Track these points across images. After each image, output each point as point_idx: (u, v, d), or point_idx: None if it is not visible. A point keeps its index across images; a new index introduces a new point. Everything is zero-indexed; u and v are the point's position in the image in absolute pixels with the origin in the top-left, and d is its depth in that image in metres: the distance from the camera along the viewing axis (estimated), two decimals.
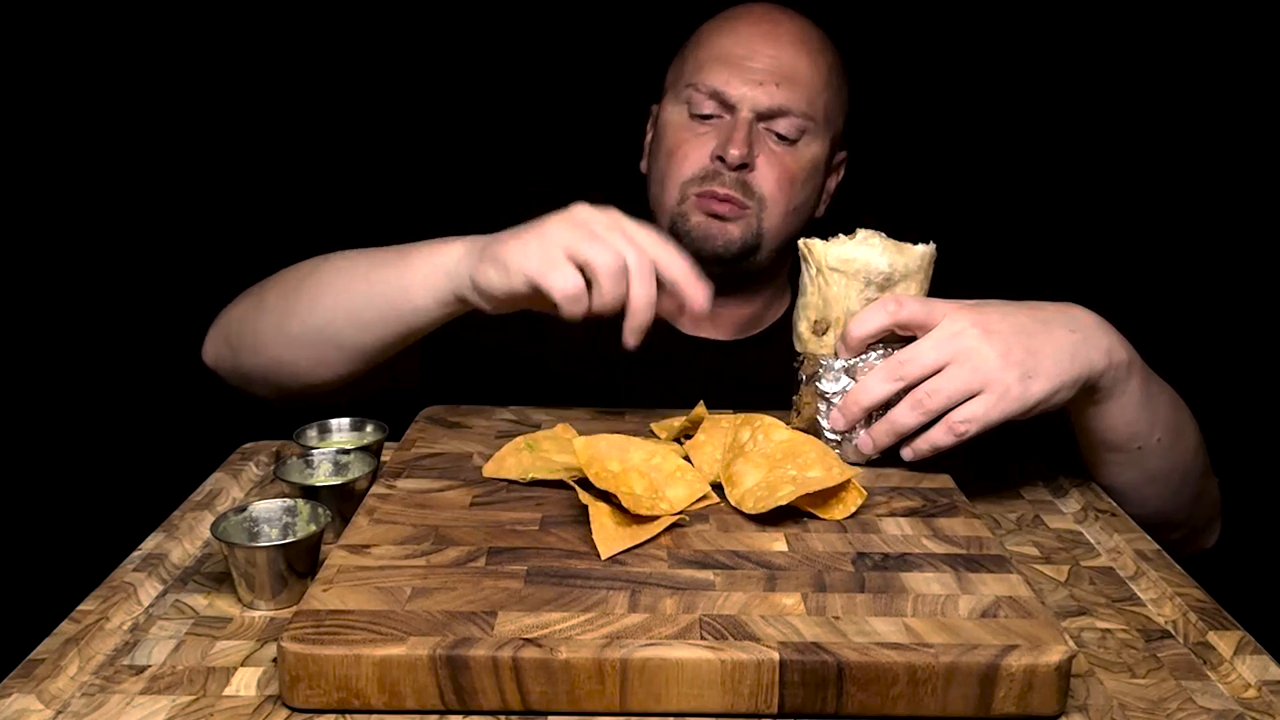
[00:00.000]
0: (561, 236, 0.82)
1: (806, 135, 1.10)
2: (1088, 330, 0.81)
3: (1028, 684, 0.56)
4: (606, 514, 0.70)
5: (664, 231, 1.10)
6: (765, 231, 1.10)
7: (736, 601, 0.61)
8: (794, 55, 1.10)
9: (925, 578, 0.65)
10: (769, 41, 1.10)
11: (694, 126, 1.11)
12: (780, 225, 1.10)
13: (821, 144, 1.12)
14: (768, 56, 1.09)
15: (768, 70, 1.08)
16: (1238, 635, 0.66)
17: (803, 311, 0.86)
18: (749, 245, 1.09)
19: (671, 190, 1.11)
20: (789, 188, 1.10)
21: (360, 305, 0.93)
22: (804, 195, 1.12)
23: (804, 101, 1.09)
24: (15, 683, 0.58)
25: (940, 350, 0.78)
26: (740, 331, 1.19)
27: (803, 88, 1.09)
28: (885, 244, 0.83)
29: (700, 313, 0.83)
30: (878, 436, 0.81)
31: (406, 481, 0.79)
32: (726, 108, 1.09)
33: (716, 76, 1.09)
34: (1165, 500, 0.92)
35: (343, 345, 0.95)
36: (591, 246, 0.81)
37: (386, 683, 0.56)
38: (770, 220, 1.09)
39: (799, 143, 1.10)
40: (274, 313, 0.98)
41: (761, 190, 1.08)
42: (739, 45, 1.10)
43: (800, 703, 0.56)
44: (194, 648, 0.63)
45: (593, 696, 0.56)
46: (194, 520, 0.80)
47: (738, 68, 1.09)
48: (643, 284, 0.82)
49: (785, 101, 1.08)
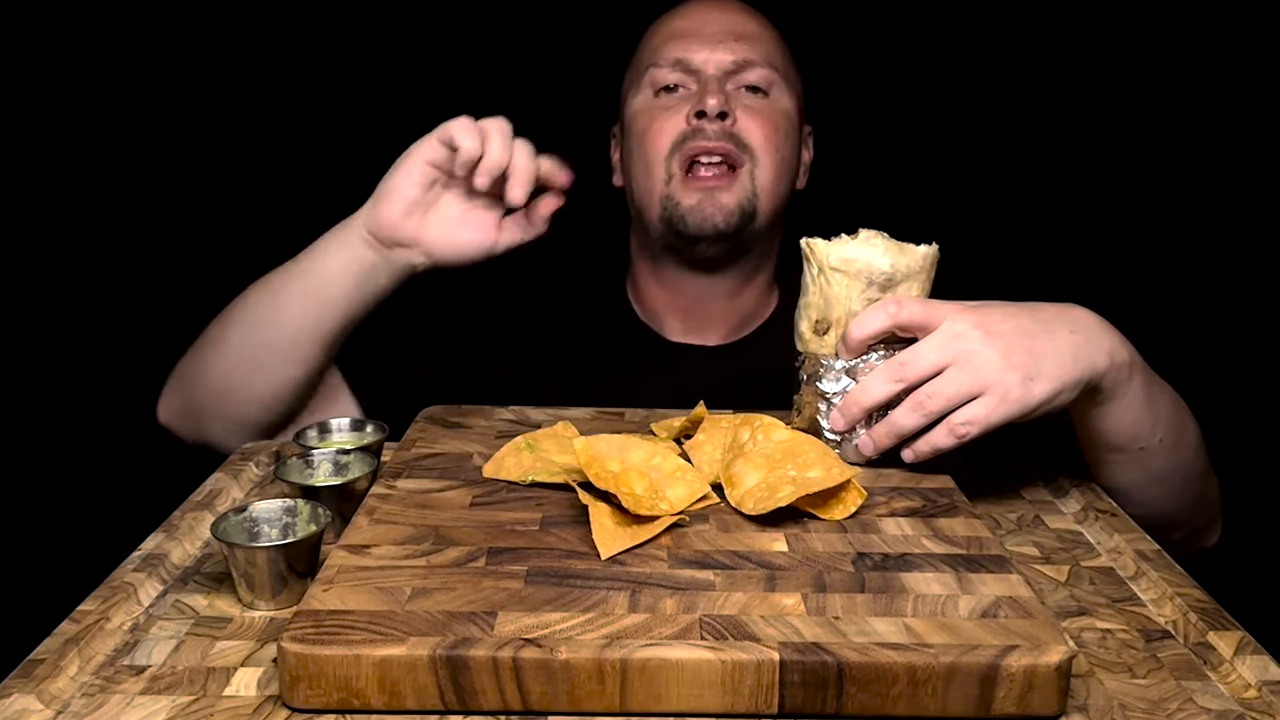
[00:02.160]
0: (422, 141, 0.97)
1: (775, 88, 1.11)
2: (1089, 331, 0.81)
3: (1028, 684, 0.56)
4: (606, 514, 0.70)
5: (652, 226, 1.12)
6: (760, 190, 1.08)
7: (736, 601, 0.61)
8: (743, 18, 1.14)
9: (925, 578, 0.65)
10: (716, 13, 1.13)
11: (661, 102, 1.11)
12: (772, 180, 1.09)
13: (790, 101, 1.13)
14: (719, 20, 1.12)
15: (723, 31, 1.11)
16: (1238, 635, 0.66)
17: (804, 311, 0.86)
18: (746, 210, 1.08)
19: (655, 171, 1.09)
20: (775, 136, 1.09)
21: (280, 297, 1.00)
22: (788, 149, 1.12)
23: (764, 54, 1.11)
24: (15, 683, 0.58)
25: (941, 352, 0.78)
26: (729, 335, 1.18)
27: (761, 42, 1.12)
28: (887, 244, 0.83)
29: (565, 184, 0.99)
30: (878, 438, 0.81)
31: (406, 481, 0.79)
32: (691, 74, 1.10)
33: (675, 48, 1.11)
34: (1168, 500, 0.92)
35: (274, 343, 1.00)
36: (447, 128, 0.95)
37: (386, 683, 0.56)
38: (763, 174, 1.08)
39: (771, 95, 1.11)
40: (211, 338, 1.03)
41: (749, 140, 1.08)
42: (686, 20, 1.13)
43: (800, 703, 0.56)
44: (194, 648, 0.63)
45: (593, 697, 0.56)
46: (194, 520, 0.80)
47: (694, 36, 1.11)
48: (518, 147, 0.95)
49: (748, 54, 1.10)
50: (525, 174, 0.95)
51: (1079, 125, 1.55)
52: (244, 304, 1.02)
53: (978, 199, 1.56)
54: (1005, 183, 1.56)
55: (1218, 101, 1.52)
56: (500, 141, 0.94)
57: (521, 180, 0.95)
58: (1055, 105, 1.55)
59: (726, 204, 1.07)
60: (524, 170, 0.95)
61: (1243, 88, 1.51)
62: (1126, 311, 0.86)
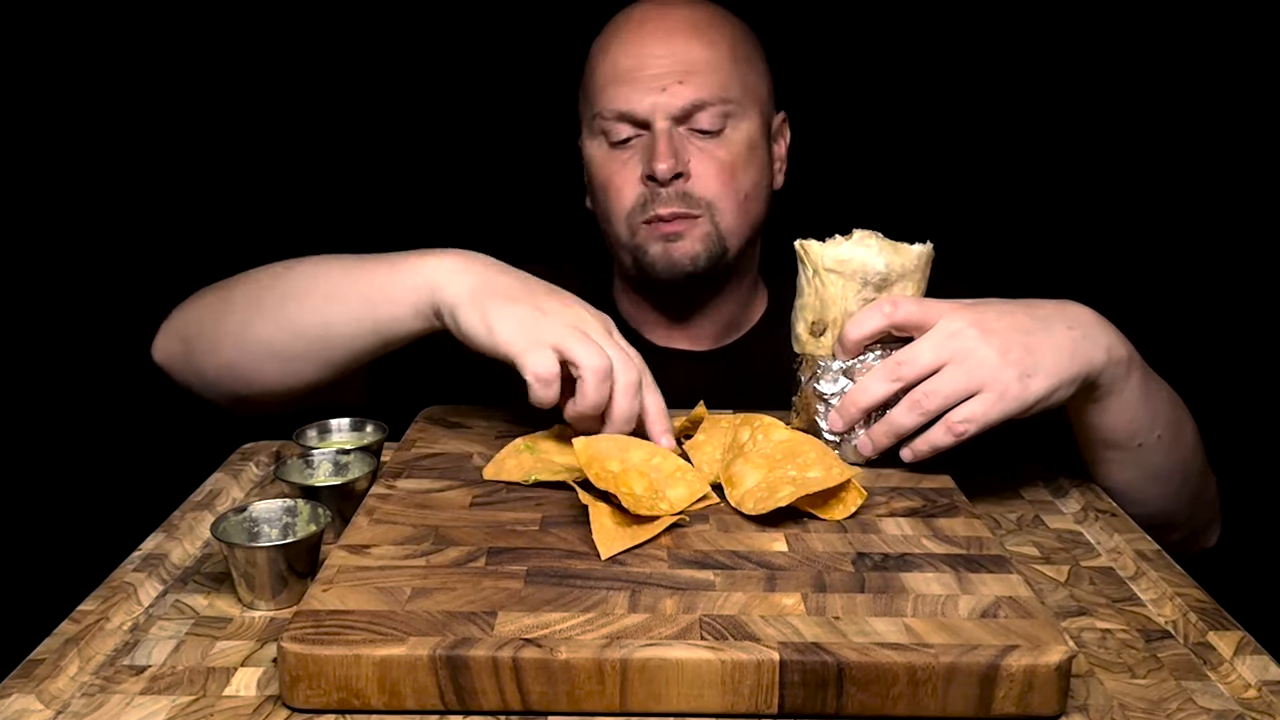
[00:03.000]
0: (553, 329, 0.80)
1: (731, 120, 1.05)
2: (1087, 327, 0.81)
3: (1028, 684, 0.56)
4: (606, 514, 0.70)
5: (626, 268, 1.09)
6: (725, 232, 1.06)
7: (736, 601, 0.61)
8: (687, 45, 1.04)
9: (925, 578, 0.65)
10: (658, 40, 1.05)
11: (617, 155, 1.07)
12: (738, 219, 1.07)
13: (750, 121, 1.07)
14: (660, 58, 1.04)
15: (666, 72, 1.03)
16: (1238, 635, 0.66)
17: (800, 313, 0.86)
18: (714, 252, 1.06)
19: (619, 226, 1.08)
20: (731, 181, 1.05)
21: (335, 310, 0.89)
22: (750, 179, 1.07)
23: (715, 87, 1.04)
24: (15, 683, 0.58)
25: (938, 350, 0.78)
26: (717, 340, 1.16)
27: (708, 74, 1.04)
28: (882, 244, 0.83)
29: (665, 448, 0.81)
30: (877, 438, 0.81)
31: (406, 481, 0.79)
32: (640, 125, 1.05)
33: (617, 97, 1.05)
34: (1167, 499, 0.92)
35: (310, 354, 0.91)
36: (581, 345, 0.80)
37: (386, 683, 0.56)
38: (725, 220, 1.06)
39: (725, 131, 1.05)
40: (238, 315, 0.94)
41: (705, 195, 1.04)
42: (628, 56, 1.05)
43: (800, 703, 0.56)
44: (194, 648, 0.63)
45: (593, 697, 0.56)
46: (194, 520, 0.80)
47: (634, 81, 1.04)
48: (625, 396, 0.81)
49: (695, 95, 1.03)
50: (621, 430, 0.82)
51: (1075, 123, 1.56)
52: (282, 302, 0.92)
53: (972, 197, 1.56)
54: (1000, 180, 1.56)
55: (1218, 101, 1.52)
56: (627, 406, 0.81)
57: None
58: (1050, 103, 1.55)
59: (691, 249, 1.05)
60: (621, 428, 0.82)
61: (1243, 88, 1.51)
62: (1124, 310, 0.86)
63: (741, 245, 1.09)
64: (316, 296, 0.90)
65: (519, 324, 0.81)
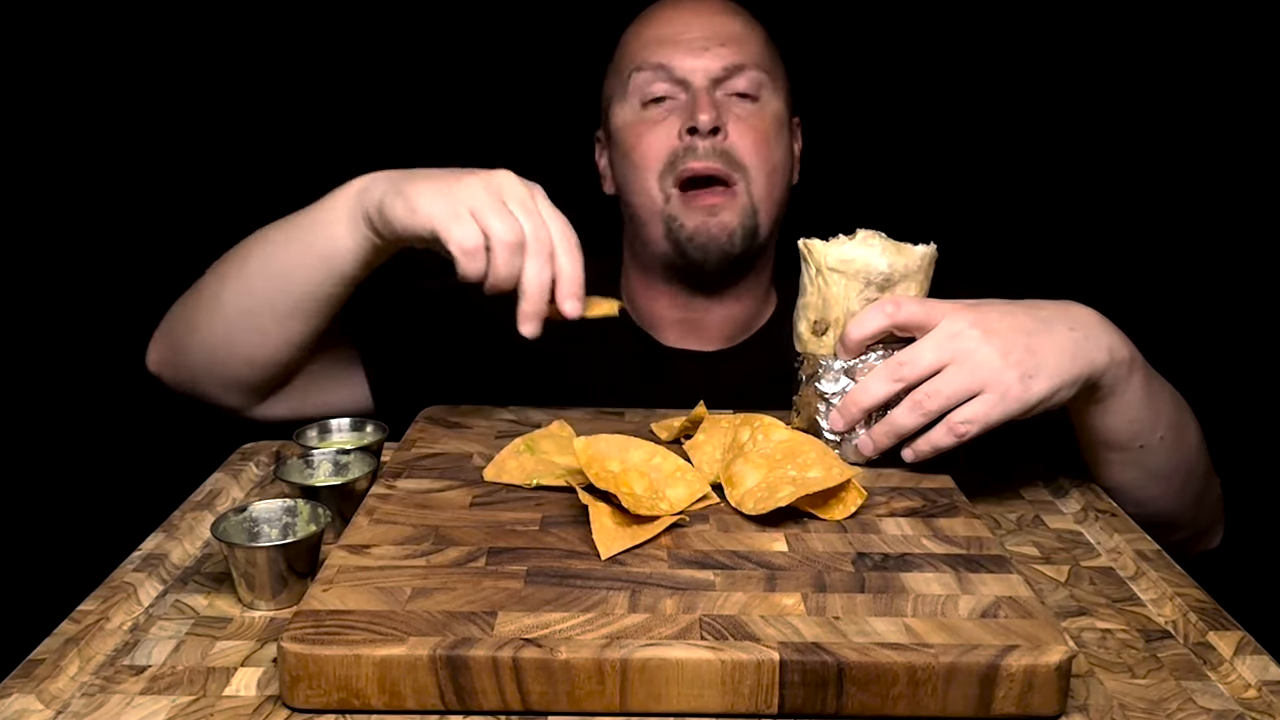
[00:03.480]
0: (472, 195, 0.81)
1: (765, 90, 1.08)
2: (1088, 328, 0.81)
3: (1028, 684, 0.56)
4: (606, 514, 0.70)
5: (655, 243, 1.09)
6: (758, 204, 1.06)
7: (736, 601, 0.61)
8: (726, 19, 1.09)
9: (925, 578, 0.65)
10: (697, 14, 1.09)
11: (650, 113, 1.07)
12: (767, 192, 1.07)
13: (780, 100, 1.10)
14: (702, 24, 1.07)
15: (708, 36, 1.07)
16: (1238, 635, 0.66)
17: (802, 312, 0.86)
18: (748, 227, 1.06)
19: (651, 189, 1.06)
20: (765, 148, 1.07)
21: (280, 253, 0.93)
22: (779, 155, 1.09)
23: (753, 56, 1.07)
24: (15, 683, 0.58)
25: (940, 351, 0.78)
26: (726, 341, 1.15)
27: (749, 43, 1.08)
28: (885, 244, 0.83)
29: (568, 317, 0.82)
30: (878, 438, 0.81)
31: (406, 481, 0.79)
32: (679, 85, 1.06)
33: (659, 53, 1.07)
34: (1170, 499, 0.92)
35: (272, 303, 0.94)
36: (496, 214, 0.80)
37: (386, 683, 0.56)
38: (758, 189, 1.06)
39: (761, 99, 1.08)
40: (206, 294, 0.98)
41: (741, 155, 1.05)
42: (669, 25, 1.09)
43: (800, 703, 0.56)
44: (194, 648, 0.63)
45: (593, 697, 0.56)
46: (194, 520, 0.80)
47: (677, 43, 1.06)
48: (535, 263, 0.80)
49: (736, 58, 1.06)
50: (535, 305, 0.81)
51: (1077, 124, 1.56)
52: (241, 264, 0.96)
53: (975, 198, 1.56)
54: (1003, 181, 1.56)
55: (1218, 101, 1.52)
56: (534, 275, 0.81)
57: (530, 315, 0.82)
58: (1053, 103, 1.55)
59: (729, 224, 1.05)
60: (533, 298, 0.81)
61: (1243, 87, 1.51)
62: (1126, 311, 0.86)
63: (770, 227, 1.09)
64: (265, 247, 0.95)
65: (438, 194, 0.82)
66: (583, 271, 0.82)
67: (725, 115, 1.05)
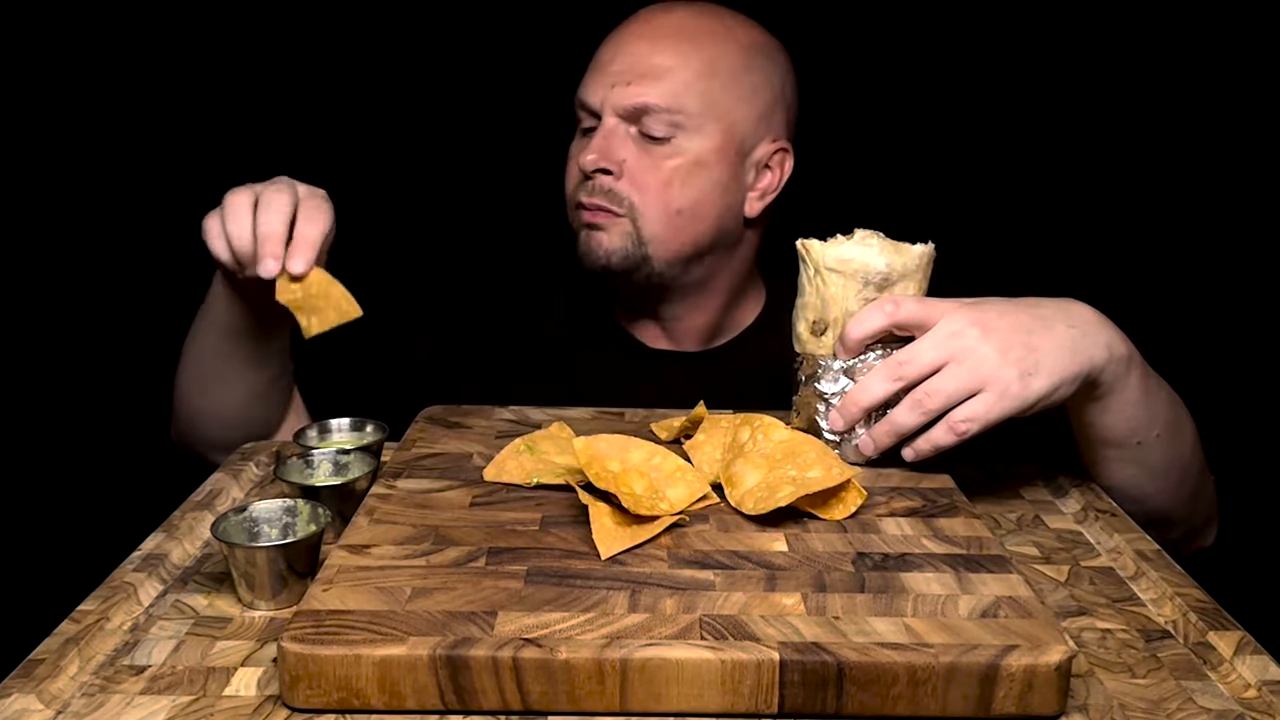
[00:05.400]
0: (234, 197, 0.88)
1: (682, 131, 1.02)
2: (1087, 326, 0.81)
3: (1028, 684, 0.56)
4: (606, 514, 0.70)
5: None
6: (648, 239, 1.03)
7: (736, 601, 0.61)
8: (653, 49, 1.03)
9: (925, 578, 0.65)
10: (639, 38, 1.04)
11: (579, 142, 1.09)
12: (668, 230, 1.03)
13: (706, 139, 1.03)
14: (630, 54, 1.03)
15: (627, 69, 1.03)
16: (1238, 635, 0.66)
17: (801, 312, 0.86)
18: (631, 255, 1.04)
19: (571, 213, 1.09)
20: (663, 190, 1.02)
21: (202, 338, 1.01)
22: (689, 196, 1.03)
23: (666, 96, 1.01)
24: (15, 683, 0.58)
25: (939, 350, 0.78)
26: (705, 342, 1.14)
27: (664, 81, 1.02)
28: (883, 244, 0.83)
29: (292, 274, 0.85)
30: (878, 437, 0.81)
31: (406, 481, 0.79)
32: (595, 116, 1.05)
33: (584, 85, 1.07)
34: (1166, 497, 0.92)
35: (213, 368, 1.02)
36: (236, 193, 0.87)
37: (386, 683, 0.56)
38: (650, 226, 1.03)
39: (672, 141, 1.03)
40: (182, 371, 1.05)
41: (630, 196, 1.03)
42: (607, 48, 1.06)
43: (800, 703, 0.56)
44: (194, 648, 0.63)
45: (593, 696, 0.56)
46: (194, 520, 0.80)
47: (600, 72, 1.05)
48: (265, 213, 0.85)
49: (643, 98, 1.01)
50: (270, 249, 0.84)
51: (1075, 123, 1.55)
52: (188, 347, 1.03)
53: (973, 197, 1.56)
54: (1001, 181, 1.56)
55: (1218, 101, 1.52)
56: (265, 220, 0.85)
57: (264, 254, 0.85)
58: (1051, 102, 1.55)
59: (607, 243, 1.04)
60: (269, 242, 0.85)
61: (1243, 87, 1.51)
62: (1124, 309, 0.86)
63: (677, 261, 1.05)
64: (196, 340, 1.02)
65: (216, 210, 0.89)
66: (317, 240, 0.85)
67: (621, 153, 1.03)
